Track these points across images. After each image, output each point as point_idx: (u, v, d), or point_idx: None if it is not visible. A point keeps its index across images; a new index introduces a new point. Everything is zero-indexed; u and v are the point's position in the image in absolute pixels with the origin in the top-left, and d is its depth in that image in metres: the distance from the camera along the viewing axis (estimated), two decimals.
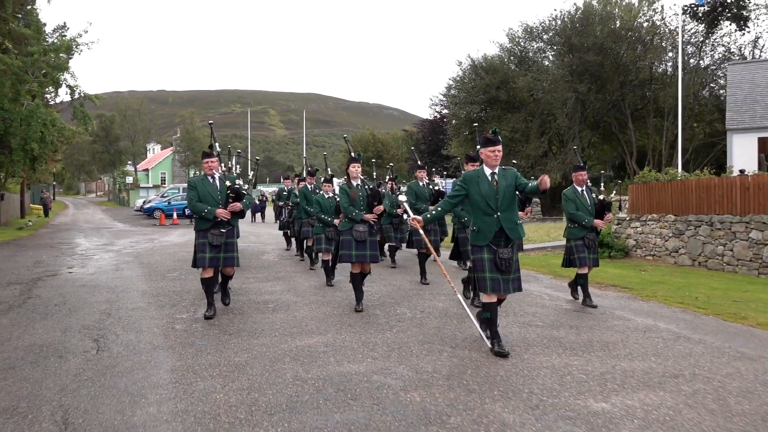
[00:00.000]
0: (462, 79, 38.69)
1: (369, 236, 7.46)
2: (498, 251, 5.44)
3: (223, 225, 7.09)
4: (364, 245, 7.43)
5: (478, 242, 5.58)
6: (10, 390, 4.56)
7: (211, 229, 7.03)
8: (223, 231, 7.07)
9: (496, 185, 5.50)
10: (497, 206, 5.48)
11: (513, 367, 5.09)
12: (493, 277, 5.45)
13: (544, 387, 4.54)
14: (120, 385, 4.65)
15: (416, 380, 4.70)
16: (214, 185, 7.18)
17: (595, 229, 7.98)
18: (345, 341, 5.92)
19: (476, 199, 5.53)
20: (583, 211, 7.86)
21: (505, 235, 5.49)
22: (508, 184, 5.52)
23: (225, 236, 7.09)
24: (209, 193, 7.11)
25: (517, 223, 5.59)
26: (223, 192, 7.18)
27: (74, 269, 11.87)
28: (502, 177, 5.56)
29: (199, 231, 7.13)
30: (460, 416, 3.94)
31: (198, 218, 7.13)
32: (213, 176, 7.23)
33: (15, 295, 8.83)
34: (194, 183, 7.22)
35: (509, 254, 5.46)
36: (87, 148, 65.99)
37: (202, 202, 7.07)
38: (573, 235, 7.99)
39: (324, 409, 4.07)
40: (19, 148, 22.49)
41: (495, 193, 5.50)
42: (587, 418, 3.91)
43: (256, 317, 7.06)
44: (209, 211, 6.99)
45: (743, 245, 11.44)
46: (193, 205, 7.09)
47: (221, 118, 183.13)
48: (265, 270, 11.38)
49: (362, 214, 7.48)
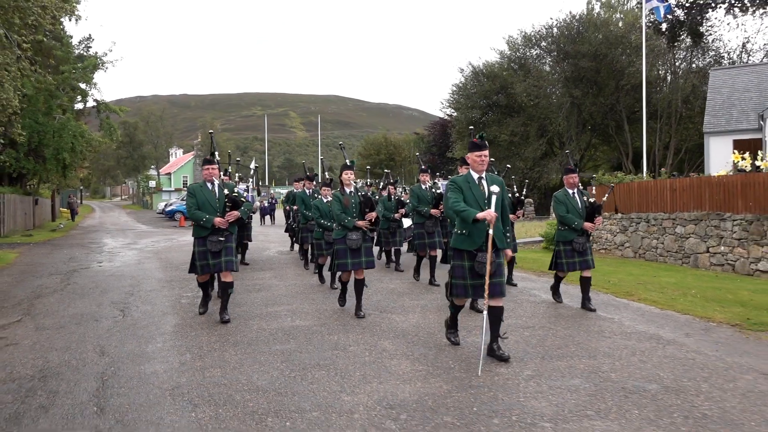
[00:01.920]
0: (464, 85, 40.57)
1: (363, 243, 7.47)
2: (478, 255, 5.41)
3: (221, 232, 7.15)
4: (358, 252, 7.43)
5: (464, 246, 5.54)
6: (64, 338, 6.68)
7: (209, 236, 7.11)
8: (221, 239, 7.12)
9: (484, 191, 5.53)
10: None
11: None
12: (474, 284, 5.52)
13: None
14: (138, 333, 6.75)
15: (341, 329, 6.72)
16: (213, 192, 7.25)
17: (586, 232, 7.92)
18: (303, 308, 7.99)
19: (468, 202, 5.48)
20: (574, 213, 7.87)
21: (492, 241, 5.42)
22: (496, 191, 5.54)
23: (224, 242, 7.17)
24: (208, 201, 7.19)
25: (504, 231, 5.59)
26: (221, 199, 7.24)
27: (103, 263, 14.07)
28: (490, 183, 5.57)
29: (197, 238, 7.23)
30: (357, 346, 5.97)
31: (196, 225, 7.23)
32: (213, 183, 7.31)
33: (57, 282, 11.01)
34: (193, 190, 7.28)
35: (492, 258, 5.37)
36: (112, 153, 68.88)
37: (201, 209, 7.15)
38: (563, 238, 7.98)
39: (270, 343, 6.14)
40: (52, 158, 24.97)
41: (484, 198, 5.51)
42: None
43: (243, 295, 9.13)
44: (207, 219, 7.07)
45: (671, 239, 13.29)
46: (192, 213, 7.16)
47: (242, 121, 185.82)
48: (261, 263, 13.46)
49: (355, 221, 7.44)
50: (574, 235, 7.87)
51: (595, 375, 5.02)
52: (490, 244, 5.31)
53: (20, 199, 25.08)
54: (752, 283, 10.40)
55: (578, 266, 7.92)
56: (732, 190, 11.79)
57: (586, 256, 7.93)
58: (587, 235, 7.97)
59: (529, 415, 4.12)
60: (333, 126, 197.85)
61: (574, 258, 7.92)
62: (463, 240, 5.54)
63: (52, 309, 8.41)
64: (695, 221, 12.60)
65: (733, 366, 5.37)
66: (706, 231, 12.31)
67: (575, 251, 7.88)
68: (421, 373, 5.07)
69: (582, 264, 7.92)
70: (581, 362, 5.37)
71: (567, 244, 7.95)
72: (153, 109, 77.58)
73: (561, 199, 7.99)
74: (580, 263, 7.92)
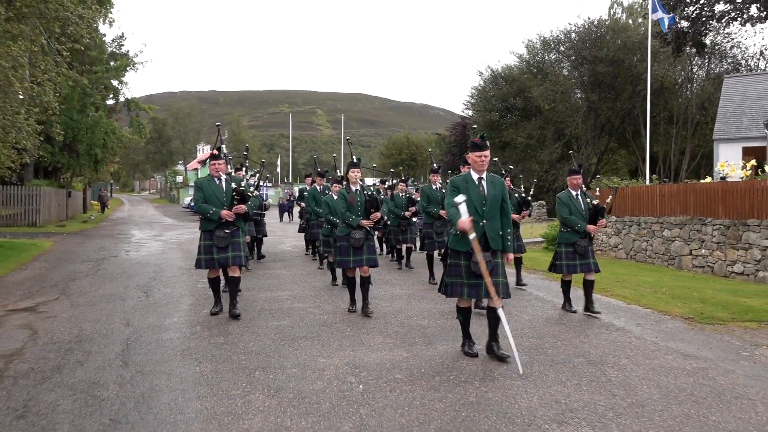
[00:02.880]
0: (483, 88, 41.32)
1: (366, 241, 7.53)
2: (473, 256, 5.36)
3: (228, 226, 7.21)
4: (360, 251, 7.49)
5: (459, 247, 5.50)
6: (95, 313, 7.79)
7: (216, 230, 7.18)
8: (227, 232, 7.19)
9: (483, 191, 5.49)
10: (484, 213, 5.46)
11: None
12: (470, 283, 5.47)
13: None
14: (158, 310, 7.84)
15: (332, 311, 7.74)
16: (219, 187, 7.33)
17: (588, 235, 7.86)
18: (303, 293, 9.03)
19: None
20: (577, 215, 7.79)
21: (486, 242, 5.44)
22: (497, 192, 5.51)
23: (230, 236, 7.23)
24: (215, 194, 7.26)
25: (500, 233, 5.52)
26: (228, 194, 7.29)
27: (130, 252, 15.28)
28: (490, 184, 5.53)
29: (204, 232, 7.32)
30: (342, 324, 6.98)
31: (203, 219, 7.32)
32: (219, 178, 7.39)
33: (89, 268, 12.20)
34: (200, 184, 7.37)
35: (488, 258, 5.37)
36: (141, 148, 70.84)
37: (208, 203, 7.23)
38: (565, 240, 7.91)
39: (269, 319, 7.19)
40: (85, 153, 26.43)
41: (482, 200, 5.47)
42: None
43: (252, 281, 10.20)
44: (214, 212, 7.13)
45: (659, 241, 14.07)
46: (199, 206, 7.26)
47: (269, 118, 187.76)
48: (274, 254, 14.54)
49: (359, 219, 7.49)
50: (576, 237, 7.78)
51: (535, 350, 5.96)
52: (476, 247, 5.26)
53: (55, 192, 26.57)
54: (722, 283, 11.17)
55: (579, 269, 7.83)
56: (713, 196, 12.55)
57: (588, 259, 7.86)
58: (590, 237, 7.90)
59: (464, 374, 5.09)
60: (359, 124, 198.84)
61: (575, 260, 7.83)
62: (458, 241, 5.49)
63: (84, 290, 9.56)
64: (680, 225, 13.37)
65: (661, 348, 6.26)
66: (690, 235, 13.08)
67: (577, 254, 7.80)
68: (388, 345, 6.06)
69: (583, 267, 7.83)
70: (527, 341, 6.31)
71: (569, 246, 7.86)
72: (181, 106, 79.60)
73: (564, 201, 7.90)
74: (581, 266, 7.83)
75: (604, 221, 7.98)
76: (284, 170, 79.77)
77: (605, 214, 8.05)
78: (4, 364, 5.49)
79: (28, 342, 6.31)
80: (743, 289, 10.41)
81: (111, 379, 5.02)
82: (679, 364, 5.68)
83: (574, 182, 7.93)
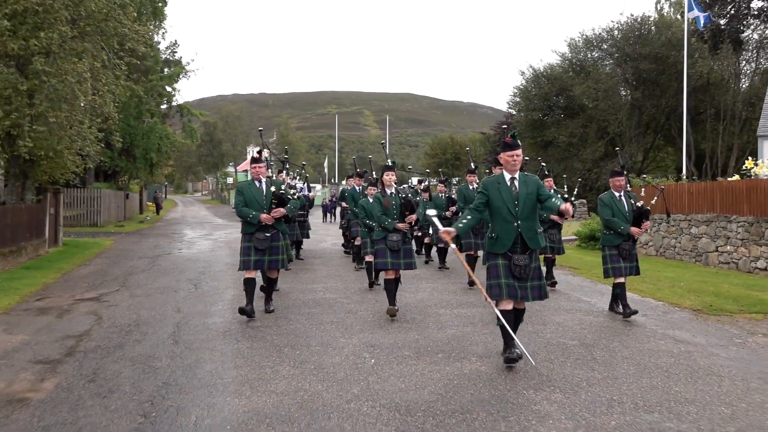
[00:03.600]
0: (525, 87, 41.50)
1: (403, 245, 7.59)
2: (513, 258, 5.35)
3: (267, 229, 7.33)
4: (398, 254, 7.55)
5: (495, 250, 5.48)
6: (151, 302, 8.79)
7: (256, 233, 7.32)
8: (267, 235, 7.32)
9: (516, 191, 5.40)
10: (518, 214, 5.36)
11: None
12: (508, 283, 5.37)
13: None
14: (205, 299, 8.80)
15: (359, 301, 8.54)
16: (260, 190, 7.44)
17: (632, 237, 7.69)
18: (336, 286, 9.88)
19: (496, 205, 5.42)
20: (620, 217, 7.60)
21: (524, 243, 5.40)
22: (530, 191, 5.41)
23: (270, 240, 7.37)
24: (255, 198, 7.38)
25: (537, 231, 5.50)
26: (268, 197, 7.41)
27: (182, 250, 16.44)
28: (523, 184, 5.44)
29: (245, 234, 7.49)
30: (366, 312, 7.76)
31: (244, 222, 7.50)
32: (260, 181, 7.51)
33: (145, 264, 13.34)
34: (241, 188, 7.51)
35: (526, 261, 5.35)
36: (194, 151, 73.54)
37: (248, 206, 7.35)
38: (608, 242, 7.75)
39: (302, 308, 8.05)
40: (141, 157, 28.03)
41: (515, 200, 5.39)
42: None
43: (290, 275, 11.08)
44: (254, 215, 7.25)
45: (687, 238, 14.38)
46: (239, 210, 7.40)
47: (318, 119, 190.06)
48: (314, 252, 15.45)
49: (395, 223, 7.56)
50: (619, 240, 7.63)
51: (535, 335, 6.62)
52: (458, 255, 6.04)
53: (114, 194, 28.26)
54: (742, 278, 11.49)
55: (625, 271, 7.67)
56: (738, 194, 12.83)
57: (633, 262, 7.76)
58: (634, 240, 7.73)
59: (465, 353, 5.80)
60: (406, 124, 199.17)
61: (620, 263, 7.66)
62: (493, 243, 5.48)
63: (141, 283, 10.63)
64: (707, 222, 13.66)
65: (657, 335, 6.82)
66: (716, 232, 13.37)
67: (621, 257, 7.65)
68: (404, 329, 6.82)
69: (631, 270, 7.74)
70: (530, 327, 6.95)
71: (613, 248, 7.69)
72: (231, 109, 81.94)
73: (606, 203, 7.72)
74: (629, 269, 7.71)
75: (648, 224, 7.79)
76: (331, 171, 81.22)
77: (649, 216, 7.78)
78: (75, 342, 6.47)
79: (94, 325, 7.30)
80: (759, 284, 10.74)
81: (164, 353, 5.93)
82: (667, 348, 6.24)
83: (617, 184, 7.74)
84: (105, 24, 13.56)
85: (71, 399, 4.66)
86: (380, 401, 4.53)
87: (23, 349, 6.20)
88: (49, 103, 11.93)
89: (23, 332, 6.94)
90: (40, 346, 6.28)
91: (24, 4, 11.27)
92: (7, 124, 11.65)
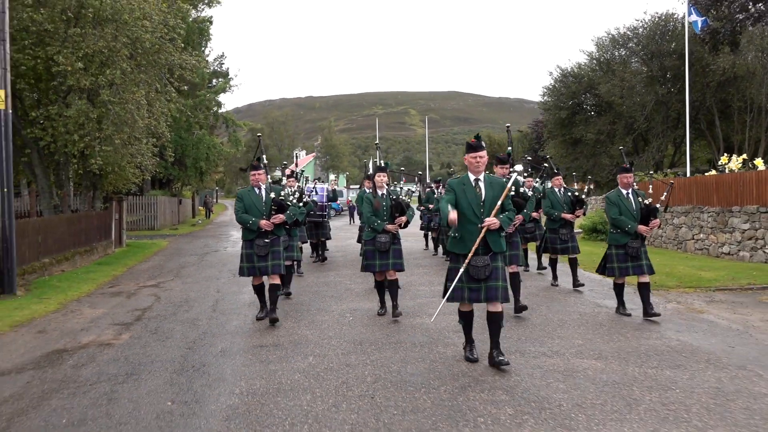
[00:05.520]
0: (553, 86, 42.83)
1: (392, 245, 7.66)
2: (472, 259, 5.38)
3: (267, 235, 7.46)
4: (386, 255, 7.63)
5: (456, 250, 5.56)
6: (198, 286, 11.11)
7: (256, 239, 7.44)
8: (267, 241, 7.43)
9: (480, 192, 5.45)
10: (482, 215, 5.41)
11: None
12: (470, 287, 5.48)
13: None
14: (240, 283, 11.03)
15: (362, 282, 10.64)
16: (260, 197, 7.57)
17: (640, 236, 7.55)
18: (350, 273, 11.99)
19: (462, 205, 5.45)
20: (627, 216, 7.49)
21: (487, 245, 5.43)
22: (495, 194, 5.43)
23: (270, 245, 7.46)
24: (254, 204, 7.50)
25: (501, 234, 5.51)
26: (268, 203, 7.52)
27: (228, 248, 18.88)
28: (488, 186, 5.49)
29: (245, 241, 7.60)
30: (363, 291, 9.85)
31: (244, 228, 7.60)
32: (259, 188, 7.62)
33: (195, 260, 15.78)
34: (241, 195, 7.65)
35: (485, 262, 5.37)
36: (243, 157, 77.03)
37: (248, 212, 7.47)
38: (615, 241, 7.64)
39: (313, 287, 10.21)
40: (192, 166, 30.85)
41: (480, 201, 5.43)
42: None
43: (312, 266, 13.26)
44: (253, 222, 7.40)
45: (670, 228, 15.95)
46: (239, 216, 7.51)
47: (364, 120, 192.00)
48: (337, 248, 17.63)
49: (384, 224, 7.63)
50: (627, 239, 7.52)
51: (519, 319, 8.57)
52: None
53: (168, 200, 31.18)
54: (702, 261, 13.11)
55: (631, 271, 7.58)
56: (709, 188, 14.40)
57: (641, 261, 7.56)
58: (642, 238, 7.59)
59: (422, 314, 7.84)
60: (453, 122, 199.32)
61: (627, 263, 7.57)
62: (455, 244, 5.57)
63: (191, 274, 13.00)
64: (685, 213, 15.24)
65: (589, 303, 8.69)
66: (692, 222, 14.95)
67: (629, 255, 7.53)
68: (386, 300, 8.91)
69: (636, 269, 7.56)
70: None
71: (620, 248, 7.59)
72: (277, 115, 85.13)
73: (614, 201, 7.63)
74: (634, 268, 7.57)
75: (657, 221, 7.66)
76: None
77: (657, 214, 7.68)
78: (141, 312, 8.79)
79: (155, 303, 9.63)
80: (711, 265, 12.37)
81: (204, 317, 8.19)
82: (590, 310, 8.14)
83: (625, 181, 7.64)
84: (157, 56, 16.03)
85: (140, 343, 6.93)
86: (346, 339, 6.67)
87: (104, 317, 8.55)
88: (114, 127, 14.43)
89: (103, 307, 9.31)
90: (116, 315, 8.62)
91: (93, 47, 13.78)
92: (81, 146, 14.18)
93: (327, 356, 6.01)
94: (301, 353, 6.15)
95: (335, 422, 4.28)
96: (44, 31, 13.63)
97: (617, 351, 6.08)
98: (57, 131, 14.04)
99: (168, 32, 15.99)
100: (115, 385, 5.30)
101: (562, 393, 4.83)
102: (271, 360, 5.93)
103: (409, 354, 6.04)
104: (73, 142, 14.02)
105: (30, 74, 14.24)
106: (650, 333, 6.88)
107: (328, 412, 4.47)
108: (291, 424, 4.28)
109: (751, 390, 4.89)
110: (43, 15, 13.49)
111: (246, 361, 5.95)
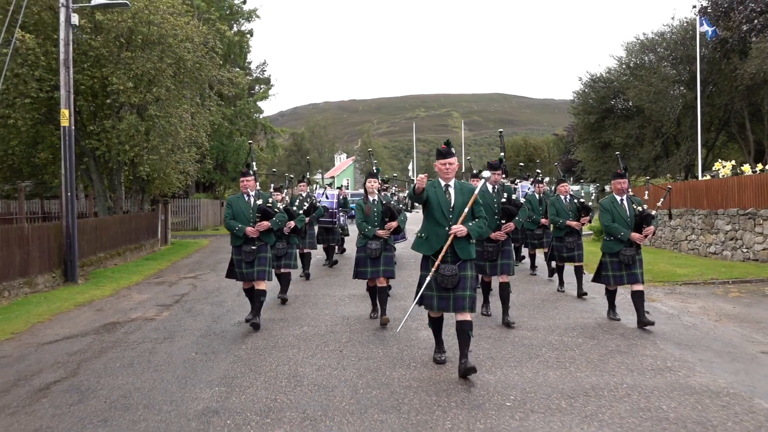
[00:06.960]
0: (583, 92, 43.58)
1: (384, 252, 7.64)
2: (440, 267, 5.36)
3: (254, 242, 7.50)
4: (377, 261, 7.63)
5: (421, 250, 5.56)
6: (219, 284, 12.88)
7: (243, 245, 7.51)
8: (253, 248, 7.49)
9: (449, 198, 5.43)
10: (450, 220, 5.40)
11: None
12: (440, 296, 5.46)
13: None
14: None
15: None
16: (248, 203, 7.61)
17: (634, 243, 7.37)
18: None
19: (432, 205, 5.43)
20: (620, 223, 7.35)
21: (454, 252, 5.41)
22: (465, 200, 5.40)
23: (256, 252, 7.52)
24: (242, 211, 7.56)
25: (469, 241, 5.46)
26: (255, 210, 7.57)
27: None
28: (458, 192, 5.47)
29: (233, 246, 7.71)
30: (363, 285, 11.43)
31: (232, 234, 7.63)
32: (248, 194, 7.67)
33: (226, 258, 17.58)
34: (230, 201, 7.71)
35: (453, 271, 5.34)
36: (284, 160, 79.64)
37: (236, 219, 7.52)
38: (608, 249, 7.50)
39: (318, 278, 11.82)
40: (232, 171, 32.95)
41: (449, 207, 5.42)
42: None
43: (319, 269, 14.86)
44: (240, 228, 7.42)
45: (668, 230, 17.03)
46: (227, 222, 7.57)
47: (406, 123, 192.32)
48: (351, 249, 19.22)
49: (375, 230, 7.65)
50: (620, 246, 7.36)
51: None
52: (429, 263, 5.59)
53: (210, 203, 33.36)
54: (687, 260, 14.22)
55: (626, 280, 7.42)
56: (700, 192, 15.48)
57: (634, 270, 7.37)
58: (636, 246, 7.41)
59: (411, 314, 9.35)
60: (496, 124, 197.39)
61: (621, 271, 7.42)
62: (421, 244, 5.57)
63: (225, 268, 14.68)
64: (680, 215, 16.33)
65: (568, 297, 10.03)
66: (686, 223, 16.04)
67: (622, 263, 7.38)
68: None
69: (630, 278, 7.39)
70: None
71: (613, 255, 7.45)
72: (318, 120, 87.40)
73: (607, 208, 7.49)
74: (628, 276, 7.40)
75: (651, 228, 7.40)
76: (417, 174, 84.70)
77: (651, 221, 7.46)
78: (179, 297, 10.55)
79: (191, 290, 11.39)
80: (690, 263, 13.51)
81: (230, 300, 9.92)
82: (564, 300, 9.52)
83: (618, 187, 7.50)
84: (198, 73, 17.95)
85: (177, 318, 8.66)
86: (329, 315, 8.26)
87: (149, 300, 10.34)
88: (159, 139, 16.37)
89: (148, 293, 11.12)
90: (159, 299, 10.40)
91: (142, 68, 15.73)
92: (131, 155, 16.15)
93: (318, 326, 7.63)
94: (298, 324, 7.77)
95: (308, 365, 5.90)
96: (100, 55, 15.65)
97: (550, 324, 7.50)
98: (111, 142, 16.05)
99: (207, 51, 17.89)
100: (155, 345, 7.01)
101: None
102: (275, 328, 7.59)
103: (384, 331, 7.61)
104: (125, 151, 16.01)
105: (88, 92, 16.31)
106: (589, 313, 8.24)
107: (305, 360, 6.08)
108: (277, 365, 5.91)
109: (635, 352, 6.27)
110: (99, 41, 15.51)
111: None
